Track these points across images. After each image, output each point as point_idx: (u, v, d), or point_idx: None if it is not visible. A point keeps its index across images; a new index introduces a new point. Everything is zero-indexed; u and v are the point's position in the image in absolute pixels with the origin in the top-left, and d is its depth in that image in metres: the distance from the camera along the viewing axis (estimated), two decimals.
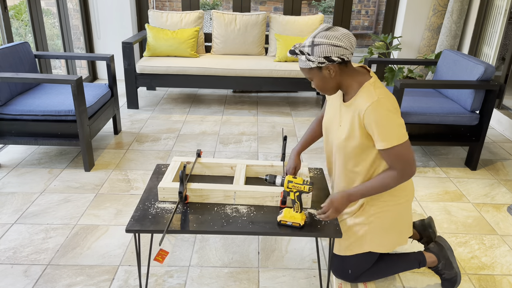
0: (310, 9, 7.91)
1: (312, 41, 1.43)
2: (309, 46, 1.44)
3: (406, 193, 1.67)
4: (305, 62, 1.46)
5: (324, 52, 1.42)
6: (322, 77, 1.49)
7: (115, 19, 4.81)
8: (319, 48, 1.42)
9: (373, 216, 1.65)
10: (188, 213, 1.63)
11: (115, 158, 3.07)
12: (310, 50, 1.43)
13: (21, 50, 3.04)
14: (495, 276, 2.00)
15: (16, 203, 2.47)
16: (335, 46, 1.41)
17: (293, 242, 2.19)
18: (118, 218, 2.35)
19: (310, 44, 1.43)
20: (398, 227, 1.69)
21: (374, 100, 1.44)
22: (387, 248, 1.70)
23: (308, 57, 1.44)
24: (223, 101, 4.46)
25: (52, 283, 1.87)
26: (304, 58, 1.45)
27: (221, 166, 1.92)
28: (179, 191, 1.62)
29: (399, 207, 1.66)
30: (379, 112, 1.43)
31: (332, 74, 1.47)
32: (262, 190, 1.68)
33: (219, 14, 4.29)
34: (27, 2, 3.73)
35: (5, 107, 2.76)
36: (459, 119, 2.90)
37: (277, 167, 1.92)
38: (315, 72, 1.48)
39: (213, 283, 1.90)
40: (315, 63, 1.44)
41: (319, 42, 1.42)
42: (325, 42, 1.41)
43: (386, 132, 1.44)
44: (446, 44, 4.53)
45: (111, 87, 3.32)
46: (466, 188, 2.80)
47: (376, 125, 1.45)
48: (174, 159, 1.93)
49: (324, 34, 1.42)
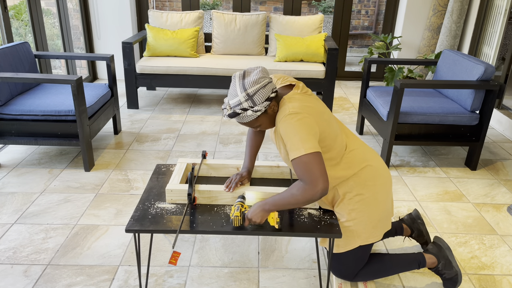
0: (310, 9, 7.91)
1: (246, 94, 1.45)
2: (247, 100, 1.45)
3: (379, 180, 1.66)
4: (251, 115, 1.47)
5: (264, 95, 1.45)
6: (269, 116, 1.52)
7: (115, 19, 4.81)
8: (257, 96, 1.45)
9: (353, 211, 1.64)
10: (189, 214, 1.63)
11: (115, 158, 3.07)
12: (251, 102, 1.45)
13: (21, 50, 3.04)
14: (495, 276, 2.00)
15: (16, 203, 2.47)
16: (265, 86, 1.45)
17: (293, 242, 2.19)
18: (118, 218, 2.35)
19: (246, 98, 1.45)
20: (380, 213, 1.69)
21: (286, 113, 1.46)
22: (376, 238, 1.70)
23: (253, 108, 1.46)
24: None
25: (52, 283, 1.87)
26: (250, 112, 1.46)
27: (227, 167, 1.92)
28: (188, 193, 1.62)
29: (375, 196, 1.66)
30: (287, 124, 1.45)
31: (275, 108, 1.52)
32: (270, 191, 1.68)
33: (219, 14, 4.29)
34: (27, 2, 3.73)
35: (5, 107, 2.76)
36: (459, 119, 2.90)
37: (283, 167, 1.92)
38: (263, 117, 1.51)
39: (213, 283, 1.90)
40: (262, 109, 1.46)
41: (254, 91, 1.44)
42: (257, 88, 1.44)
43: (292, 143, 1.45)
44: (446, 44, 4.53)
45: (111, 87, 3.32)
46: (466, 188, 2.80)
47: (284, 137, 1.47)
48: (180, 160, 1.92)
49: (249, 82, 1.45)
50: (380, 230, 1.71)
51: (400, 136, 2.96)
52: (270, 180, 1.91)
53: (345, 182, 1.63)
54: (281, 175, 1.93)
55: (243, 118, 1.49)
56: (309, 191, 1.43)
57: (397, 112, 2.83)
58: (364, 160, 1.66)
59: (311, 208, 1.69)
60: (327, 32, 6.80)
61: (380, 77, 5.43)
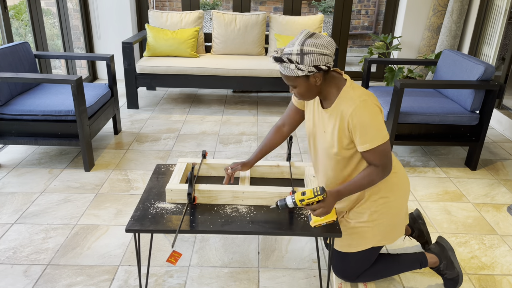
0: (310, 9, 7.91)
1: (300, 49, 1.40)
2: (297, 55, 1.40)
3: (403, 186, 1.69)
4: (293, 70, 1.42)
5: (314, 61, 1.40)
6: (307, 85, 1.48)
7: (115, 19, 4.81)
8: (309, 57, 1.40)
9: (375, 213, 1.66)
10: (189, 214, 1.63)
11: (115, 158, 3.07)
12: (299, 58, 1.40)
13: (21, 50, 3.04)
14: (495, 276, 2.00)
15: (16, 203, 2.47)
16: (323, 55, 1.41)
17: (293, 242, 2.19)
18: (118, 218, 2.35)
19: (298, 52, 1.40)
20: (398, 220, 1.71)
21: (357, 103, 1.45)
22: (389, 241, 1.72)
23: (298, 65, 1.41)
24: (223, 101, 4.46)
25: (52, 283, 1.87)
26: (293, 66, 1.41)
27: None
28: (188, 193, 1.62)
29: (398, 201, 1.68)
30: (363, 114, 1.45)
31: (318, 82, 1.47)
32: (270, 190, 1.68)
33: (219, 14, 4.29)
34: (27, 2, 3.73)
35: (5, 107, 2.76)
36: (459, 119, 2.90)
37: (283, 167, 1.91)
38: (302, 80, 1.46)
39: (213, 283, 1.90)
40: (305, 72, 1.42)
41: (309, 51, 1.39)
42: (314, 51, 1.39)
43: (371, 133, 1.46)
44: (446, 44, 4.53)
45: (111, 87, 3.32)
46: (466, 188, 2.80)
47: (361, 128, 1.46)
48: (180, 160, 1.92)
49: (312, 42, 1.40)
50: (395, 235, 1.72)
51: (400, 136, 2.96)
52: (270, 179, 1.91)
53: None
54: (281, 175, 1.93)
55: (285, 69, 1.44)
56: (382, 174, 1.53)
57: (397, 112, 2.83)
58: (393, 166, 1.67)
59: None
60: (327, 32, 6.80)
61: (380, 77, 5.43)
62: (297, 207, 1.66)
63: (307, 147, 3.34)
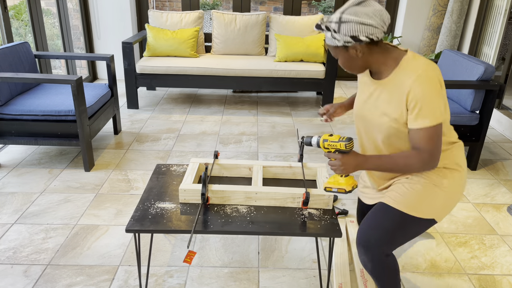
0: (310, 9, 7.91)
1: (339, 17, 1.29)
2: (336, 23, 1.30)
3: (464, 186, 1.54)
4: (331, 39, 1.33)
5: (351, 31, 1.28)
6: (348, 56, 1.37)
7: (115, 19, 4.81)
8: (346, 26, 1.28)
9: (449, 186, 1.47)
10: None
11: (115, 158, 3.07)
12: (337, 27, 1.29)
13: (21, 50, 3.04)
14: (495, 276, 2.00)
15: (16, 203, 2.47)
16: (364, 25, 1.27)
17: (293, 242, 2.19)
18: (118, 218, 2.35)
19: (337, 20, 1.29)
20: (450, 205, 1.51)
21: (419, 73, 1.30)
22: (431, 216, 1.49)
23: (334, 34, 1.31)
24: (223, 101, 4.46)
25: (52, 283, 1.87)
26: (329, 35, 1.32)
27: (239, 168, 1.91)
28: (202, 193, 1.62)
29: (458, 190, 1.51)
30: (426, 86, 1.29)
31: (359, 54, 1.34)
32: (284, 191, 1.67)
33: (219, 14, 4.29)
34: (27, 2, 3.73)
35: (5, 107, 2.76)
36: (459, 119, 2.90)
37: (295, 168, 1.90)
38: (341, 51, 1.36)
39: (213, 283, 1.90)
40: (341, 42, 1.31)
41: (347, 20, 1.28)
42: (353, 20, 1.27)
43: (430, 109, 1.29)
44: (446, 44, 4.53)
45: (111, 87, 3.32)
46: (466, 188, 2.80)
47: (421, 101, 1.30)
48: (192, 160, 1.91)
49: (354, 10, 1.28)
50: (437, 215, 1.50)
51: None
52: (283, 180, 1.90)
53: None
54: (293, 176, 1.92)
55: (326, 38, 1.36)
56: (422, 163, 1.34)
57: None
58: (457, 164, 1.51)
59: (311, 208, 1.69)
60: None
61: None
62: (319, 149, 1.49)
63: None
